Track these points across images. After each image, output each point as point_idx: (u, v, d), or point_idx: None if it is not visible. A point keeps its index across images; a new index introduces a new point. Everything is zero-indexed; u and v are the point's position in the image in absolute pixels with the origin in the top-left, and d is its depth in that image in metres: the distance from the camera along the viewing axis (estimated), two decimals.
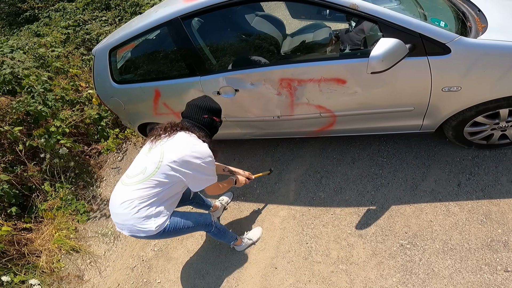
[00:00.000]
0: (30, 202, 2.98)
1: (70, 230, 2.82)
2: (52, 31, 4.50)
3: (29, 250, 2.70)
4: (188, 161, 1.45)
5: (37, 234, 2.82)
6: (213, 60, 2.09)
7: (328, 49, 2.00)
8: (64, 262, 2.69)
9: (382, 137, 2.42)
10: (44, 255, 2.69)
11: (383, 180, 2.17)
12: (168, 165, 1.45)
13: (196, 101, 1.63)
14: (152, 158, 1.49)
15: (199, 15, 1.98)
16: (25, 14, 6.69)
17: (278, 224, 2.20)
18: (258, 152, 2.77)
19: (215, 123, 1.65)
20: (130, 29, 2.22)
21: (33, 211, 2.94)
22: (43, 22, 5.56)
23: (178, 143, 1.49)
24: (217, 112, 1.65)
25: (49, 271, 2.60)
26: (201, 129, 1.58)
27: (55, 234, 2.77)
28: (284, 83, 1.92)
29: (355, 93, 1.84)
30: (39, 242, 2.75)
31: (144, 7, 4.75)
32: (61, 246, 2.74)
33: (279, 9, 2.60)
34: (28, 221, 2.89)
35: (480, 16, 1.75)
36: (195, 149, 1.47)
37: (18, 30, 6.29)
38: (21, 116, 3.01)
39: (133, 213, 1.46)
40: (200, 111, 1.58)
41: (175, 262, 2.32)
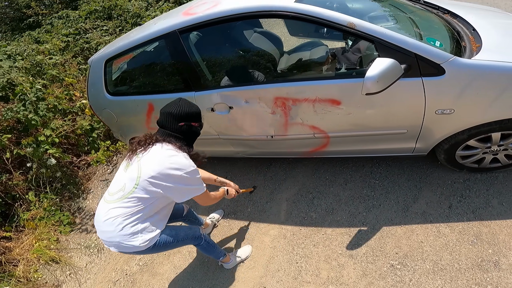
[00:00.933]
0: (13, 211, 2.91)
1: (51, 240, 2.75)
2: (52, 38, 4.55)
3: (6, 259, 2.62)
4: (168, 174, 1.37)
5: (17, 243, 2.74)
6: (209, 75, 2.09)
7: (324, 67, 2.01)
8: (42, 272, 2.61)
9: (375, 159, 2.44)
10: (22, 264, 2.61)
11: (375, 202, 2.18)
12: (147, 180, 1.37)
13: (169, 108, 1.48)
14: (130, 174, 1.42)
15: (198, 29, 1.99)
16: (28, 20, 6.78)
17: (268, 243, 2.18)
18: (251, 170, 2.76)
19: (194, 129, 1.53)
20: (128, 40, 2.23)
21: (14, 220, 2.87)
22: (45, 29, 5.61)
23: (155, 156, 1.40)
24: (194, 117, 1.51)
25: (25, 281, 2.52)
26: (178, 139, 1.47)
27: (35, 244, 2.70)
28: (279, 102, 1.92)
29: (349, 114, 1.85)
30: (17, 251, 2.68)
31: (145, 18, 4.81)
32: (40, 256, 2.66)
33: (277, 26, 2.64)
34: (8, 230, 2.81)
35: (475, 36, 1.77)
36: (173, 161, 1.39)
37: (19, 36, 6.31)
38: (11, 124, 2.98)
39: (117, 230, 1.41)
40: (175, 119, 1.45)
41: (161, 277, 2.25)
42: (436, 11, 2.20)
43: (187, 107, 1.48)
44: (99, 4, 5.54)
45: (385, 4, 2.20)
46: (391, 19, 1.93)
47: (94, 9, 5.44)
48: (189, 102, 1.53)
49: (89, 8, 5.50)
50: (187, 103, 1.51)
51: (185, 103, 1.50)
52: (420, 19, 2.01)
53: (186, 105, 1.49)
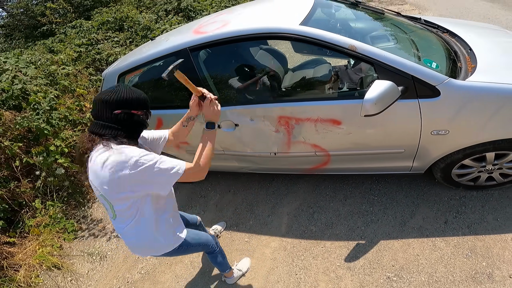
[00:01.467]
0: (18, 218, 2.94)
1: (54, 247, 2.78)
2: (65, 48, 4.61)
3: (8, 264, 2.63)
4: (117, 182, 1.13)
5: (20, 248, 2.77)
6: (216, 92, 2.17)
7: (327, 86, 2.08)
8: (43, 278, 2.62)
9: (374, 177, 2.52)
10: (23, 269, 2.62)
11: (373, 217, 2.24)
12: (110, 195, 1.19)
13: (102, 94, 1.19)
14: (97, 194, 1.26)
15: (207, 48, 2.08)
16: (42, 28, 6.92)
17: (268, 255, 2.23)
18: (254, 185, 2.83)
19: (136, 118, 1.23)
20: (140, 56, 2.33)
21: (19, 226, 2.90)
22: (58, 38, 5.70)
23: (93, 170, 1.17)
24: (136, 103, 1.21)
25: (25, 286, 2.54)
26: (114, 129, 1.18)
27: (39, 250, 2.73)
28: (283, 121, 2.00)
29: (349, 134, 1.93)
30: (20, 256, 2.70)
31: (155, 31, 4.95)
32: (42, 262, 2.68)
33: (283, 43, 2.74)
34: (12, 235, 2.83)
35: (471, 56, 1.83)
36: (109, 165, 1.11)
37: (32, 44, 6.44)
38: (22, 133, 3.04)
39: (134, 240, 1.37)
40: (109, 106, 1.16)
41: (161, 286, 2.28)
42: (436, 30, 2.27)
43: (127, 93, 1.20)
44: (111, 15, 5.68)
45: (387, 23, 2.28)
46: (392, 39, 2.01)
47: (107, 20, 5.57)
48: (132, 88, 1.24)
49: (102, 18, 5.63)
50: (128, 89, 1.22)
51: (125, 88, 1.22)
52: (420, 39, 2.09)
53: (126, 90, 1.21)
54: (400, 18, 2.46)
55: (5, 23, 8.85)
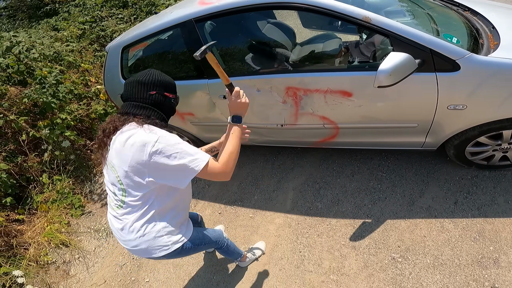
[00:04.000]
0: (26, 193, 3.00)
1: (62, 224, 2.84)
2: (69, 26, 4.66)
3: (18, 242, 2.70)
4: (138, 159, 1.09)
5: (29, 226, 2.84)
6: (222, 64, 2.14)
7: (337, 60, 2.03)
8: (52, 256, 2.69)
9: (383, 152, 2.47)
10: (33, 247, 2.70)
11: (381, 195, 2.22)
12: (127, 176, 1.15)
13: (137, 77, 1.23)
14: (110, 177, 1.24)
15: (213, 19, 2.04)
16: (45, 8, 6.90)
17: (273, 231, 2.24)
18: (259, 158, 2.82)
19: (169, 100, 1.26)
20: (144, 28, 2.29)
21: (27, 202, 2.96)
22: (62, 17, 5.74)
23: (118, 146, 1.15)
24: (169, 87, 1.26)
25: (34, 264, 2.61)
26: (148, 109, 1.21)
27: (47, 228, 2.78)
28: (290, 92, 1.96)
29: (360, 107, 1.87)
30: (29, 234, 2.77)
31: (160, 7, 4.91)
32: (51, 240, 2.74)
33: (291, 17, 2.69)
34: (21, 212, 2.90)
35: (494, 34, 1.78)
36: (133, 141, 1.10)
37: (36, 24, 6.43)
38: (28, 107, 3.08)
39: (139, 236, 1.26)
40: (144, 87, 1.19)
41: (166, 262, 2.34)
42: (456, 8, 2.19)
43: (160, 75, 1.24)
44: None
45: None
46: (408, 15, 1.94)
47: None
48: (162, 72, 1.27)
49: None
50: (160, 72, 1.26)
51: (157, 72, 1.25)
52: (439, 15, 2.00)
53: (159, 73, 1.25)
54: None
55: (8, 4, 8.80)
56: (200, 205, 2.65)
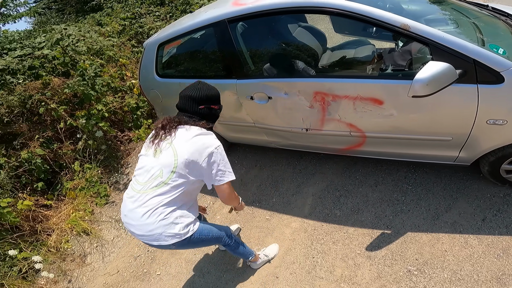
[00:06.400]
0: (57, 180, 3.24)
1: (86, 212, 3.02)
2: (112, 21, 5.05)
3: (42, 228, 2.86)
4: (201, 153, 1.43)
5: (55, 212, 3.03)
6: (252, 65, 2.20)
7: (368, 67, 2.00)
8: (72, 243, 2.86)
9: (411, 164, 2.41)
10: (55, 234, 2.85)
11: (404, 207, 2.18)
12: (184, 163, 1.42)
13: (189, 91, 1.54)
14: (164, 160, 1.44)
15: (245, 20, 2.11)
16: (92, 3, 7.59)
17: (288, 235, 2.27)
18: (281, 162, 2.87)
19: (214, 111, 1.60)
20: (179, 27, 2.41)
21: (57, 188, 3.19)
22: (106, 12, 6.25)
23: (185, 138, 1.46)
24: (214, 100, 1.59)
25: (54, 250, 2.76)
26: (200, 120, 1.54)
27: (72, 215, 2.95)
28: (318, 97, 1.97)
29: (390, 116, 1.83)
30: (54, 220, 2.95)
31: (194, 6, 5.16)
32: (73, 227, 2.89)
33: (322, 22, 2.67)
34: (50, 198, 3.09)
35: None
36: (203, 140, 1.46)
37: (82, 18, 7.05)
38: (68, 97, 3.34)
39: (159, 220, 1.43)
40: (195, 103, 1.53)
41: (179, 257, 2.43)
42: (505, 18, 2.11)
43: (207, 90, 1.54)
44: None
45: (446, 7, 2.13)
46: (451, 23, 1.88)
47: None
48: (208, 85, 1.58)
49: None
50: (207, 86, 1.56)
51: (204, 86, 1.56)
52: (485, 25, 1.93)
53: (206, 88, 1.55)
54: (463, 4, 2.29)
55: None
56: (218, 203, 2.73)
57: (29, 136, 3.14)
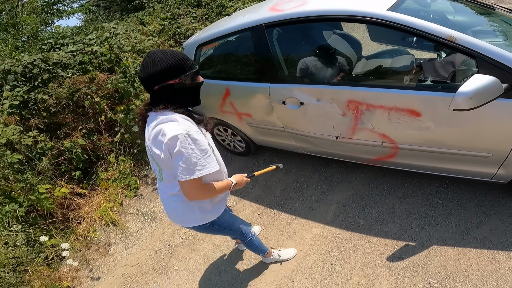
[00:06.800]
0: (93, 170, 3.49)
1: (116, 203, 3.22)
2: (153, 21, 5.40)
3: (74, 216, 3.05)
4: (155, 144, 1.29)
5: (87, 201, 3.24)
6: (286, 70, 2.27)
7: (406, 77, 2.00)
8: (99, 233, 3.03)
9: (444, 179, 2.38)
10: (85, 222, 3.04)
11: (432, 221, 2.16)
12: (156, 157, 1.34)
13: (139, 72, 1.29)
14: (149, 155, 1.44)
15: (282, 25, 2.19)
16: (135, 2, 8.16)
17: (308, 240, 2.33)
18: (307, 167, 2.93)
19: (177, 87, 1.27)
20: (218, 29, 2.55)
21: (92, 178, 3.42)
22: (148, 12, 6.67)
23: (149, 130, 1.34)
24: (167, 73, 1.24)
25: (82, 239, 2.93)
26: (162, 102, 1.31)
27: (102, 205, 3.14)
28: (352, 105, 2.00)
29: (427, 129, 1.82)
30: (85, 209, 3.14)
31: (229, 9, 5.44)
32: (103, 217, 3.08)
33: (357, 29, 2.72)
34: (85, 187, 3.31)
35: None
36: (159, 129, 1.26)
37: (126, 16, 7.60)
38: (110, 92, 3.59)
39: (172, 207, 1.54)
40: (146, 85, 1.29)
41: (198, 253, 2.55)
42: None
43: (152, 66, 1.23)
44: None
45: (496, 19, 2.11)
46: (500, 35, 1.86)
47: None
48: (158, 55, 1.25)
49: None
50: (154, 58, 1.24)
51: (150, 59, 1.24)
52: None
53: (152, 62, 1.24)
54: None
55: None
56: (242, 203, 2.83)
57: (72, 127, 3.44)
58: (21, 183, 2.85)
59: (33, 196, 2.80)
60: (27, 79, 3.45)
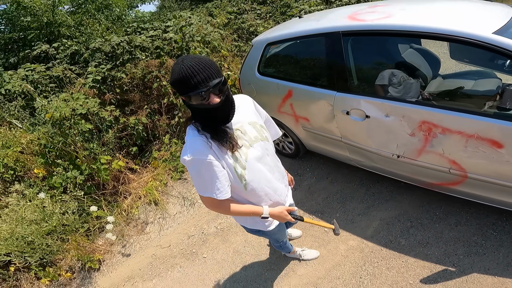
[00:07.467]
0: (148, 148, 3.81)
1: (162, 183, 3.42)
2: (220, 14, 5.76)
3: (123, 189, 3.25)
4: None
5: (137, 177, 3.47)
6: (356, 80, 2.29)
7: (488, 103, 1.96)
8: (140, 210, 3.20)
9: (505, 213, 2.33)
10: (131, 198, 3.22)
11: (481, 250, 2.14)
12: None
13: None
14: None
15: (362, 36, 2.23)
16: None
17: (342, 251, 2.38)
18: (355, 180, 2.97)
19: (187, 104, 1.26)
20: (289, 30, 2.65)
21: (146, 156, 3.73)
22: (215, 4, 7.11)
23: None
24: (177, 88, 1.20)
25: (124, 214, 3.13)
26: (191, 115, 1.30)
27: (150, 183, 3.35)
28: (425, 127, 1.99)
29: (506, 162, 1.77)
30: (134, 185, 3.35)
31: (294, 9, 5.70)
32: (147, 195, 3.26)
33: (434, 44, 2.72)
34: (138, 163, 3.59)
35: None
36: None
37: (196, 7, 8.15)
38: None
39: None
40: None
41: (229, 245, 2.68)
42: None
43: (172, 75, 1.19)
44: None
45: None
46: None
47: None
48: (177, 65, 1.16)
49: None
50: (174, 67, 1.17)
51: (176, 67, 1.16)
52: None
53: (173, 71, 1.18)
54: None
55: None
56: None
57: (138, 105, 3.78)
58: (87, 151, 3.19)
59: (94, 165, 3.12)
60: (109, 58, 3.87)
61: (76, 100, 3.13)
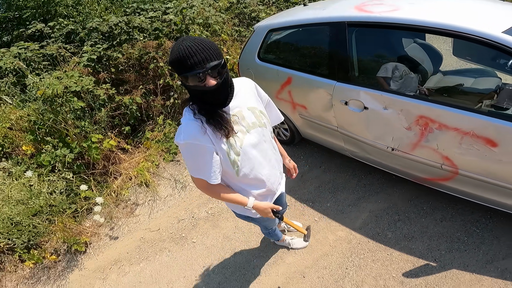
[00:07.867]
0: (141, 128, 3.79)
1: (153, 164, 3.41)
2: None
3: (113, 169, 3.23)
4: None
5: (129, 157, 3.45)
6: (357, 71, 2.30)
7: (486, 102, 1.99)
8: (130, 192, 3.18)
9: (490, 211, 2.40)
10: (121, 179, 3.19)
11: (462, 246, 2.24)
12: None
13: None
14: None
15: (368, 27, 2.23)
16: None
17: (330, 241, 2.44)
18: (347, 171, 3.02)
19: (182, 84, 1.27)
20: (293, 17, 2.62)
21: (138, 136, 3.69)
22: None
23: None
24: (174, 67, 1.20)
25: (114, 195, 3.11)
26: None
27: (141, 163, 3.32)
28: (422, 121, 2.01)
29: (498, 161, 1.80)
30: (125, 165, 3.33)
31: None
32: (138, 176, 3.24)
33: (437, 40, 2.75)
34: (129, 142, 3.56)
35: None
36: None
37: None
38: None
39: None
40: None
41: (219, 231, 2.71)
42: None
43: (170, 54, 1.19)
44: None
45: None
46: None
47: None
48: (176, 45, 1.17)
49: None
50: (173, 46, 1.18)
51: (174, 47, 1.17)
52: None
53: (171, 50, 1.19)
54: None
55: None
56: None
57: (133, 85, 3.74)
58: (78, 129, 3.15)
59: (85, 144, 3.08)
60: (106, 38, 3.83)
61: (70, 78, 3.07)
